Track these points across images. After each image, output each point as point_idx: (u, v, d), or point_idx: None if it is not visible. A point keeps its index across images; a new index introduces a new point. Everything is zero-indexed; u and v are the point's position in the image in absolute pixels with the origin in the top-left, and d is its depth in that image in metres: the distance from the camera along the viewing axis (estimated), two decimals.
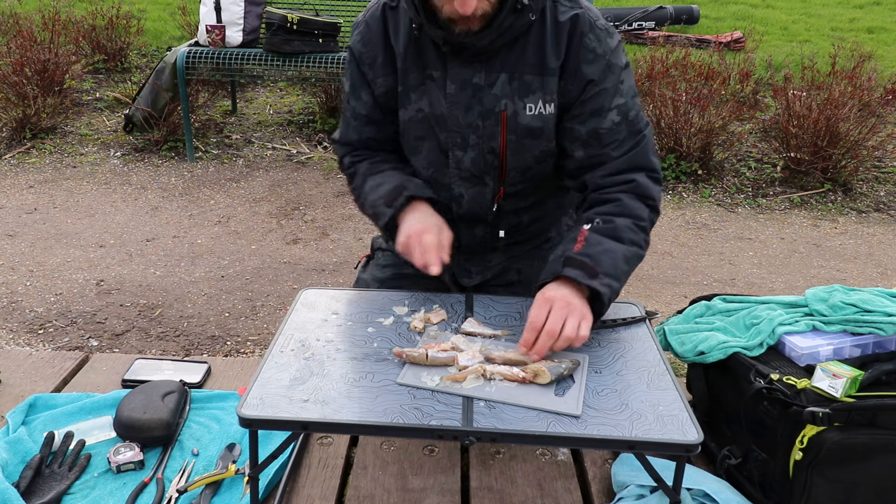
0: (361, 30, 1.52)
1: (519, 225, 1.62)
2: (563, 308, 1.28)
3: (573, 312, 1.28)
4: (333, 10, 4.66)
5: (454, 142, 1.49)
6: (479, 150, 1.48)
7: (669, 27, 7.23)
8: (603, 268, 1.32)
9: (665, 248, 3.73)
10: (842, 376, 1.30)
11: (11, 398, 1.72)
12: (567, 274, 1.31)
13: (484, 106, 1.44)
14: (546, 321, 1.27)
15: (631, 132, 1.44)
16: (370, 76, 1.52)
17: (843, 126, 4.34)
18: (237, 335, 2.80)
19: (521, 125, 1.45)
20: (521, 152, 1.48)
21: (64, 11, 5.78)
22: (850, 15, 8.53)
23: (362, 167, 1.58)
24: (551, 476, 1.53)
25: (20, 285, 3.11)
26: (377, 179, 1.53)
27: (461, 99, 1.45)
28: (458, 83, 1.44)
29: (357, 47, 1.52)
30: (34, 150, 4.62)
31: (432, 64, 1.45)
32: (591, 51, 1.41)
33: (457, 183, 1.53)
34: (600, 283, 1.31)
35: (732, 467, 1.47)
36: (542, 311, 1.28)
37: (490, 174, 1.51)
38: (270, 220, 3.87)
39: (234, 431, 1.58)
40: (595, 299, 1.33)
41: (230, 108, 5.28)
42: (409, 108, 1.50)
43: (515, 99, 1.43)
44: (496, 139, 1.47)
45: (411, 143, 1.55)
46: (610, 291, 1.33)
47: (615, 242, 1.36)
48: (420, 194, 1.47)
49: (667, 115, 4.46)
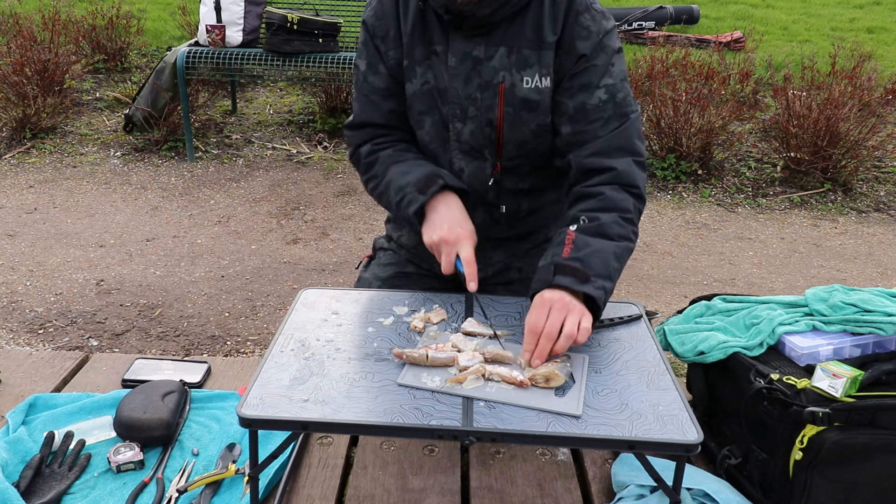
0: (374, 5, 1.55)
1: (518, 212, 1.63)
2: (561, 309, 1.28)
3: (573, 311, 1.28)
4: (333, 10, 4.66)
5: (454, 113, 1.51)
6: (478, 123, 1.51)
7: (669, 27, 7.23)
8: (594, 270, 1.32)
9: (665, 248, 3.73)
10: (842, 376, 1.30)
11: (11, 398, 1.72)
12: (559, 283, 1.31)
13: (482, 78, 1.48)
14: (545, 324, 1.27)
15: (617, 113, 1.46)
16: (383, 49, 1.54)
17: (843, 126, 4.34)
18: (237, 335, 2.80)
19: (518, 97, 1.47)
20: (518, 125, 1.50)
21: (64, 11, 5.78)
22: (850, 15, 8.53)
23: (384, 154, 1.56)
24: (551, 476, 1.53)
25: (20, 285, 3.11)
26: (403, 167, 1.52)
27: (461, 71, 1.48)
28: (459, 56, 1.47)
29: (371, 21, 1.55)
30: (34, 150, 4.62)
31: (437, 38, 1.49)
32: (586, 28, 1.45)
33: (457, 156, 1.56)
34: (593, 286, 1.31)
35: (732, 467, 1.47)
36: (542, 314, 1.28)
37: (488, 148, 1.54)
38: (270, 220, 3.87)
39: (234, 431, 1.58)
40: (590, 302, 1.33)
41: (230, 108, 5.28)
42: (415, 82, 1.52)
43: (513, 71, 1.46)
44: (494, 111, 1.49)
45: (416, 117, 1.57)
46: (604, 293, 1.33)
47: (603, 240, 1.37)
48: (454, 184, 1.48)
49: (667, 115, 4.47)
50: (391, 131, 1.60)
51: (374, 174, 1.57)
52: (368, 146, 1.59)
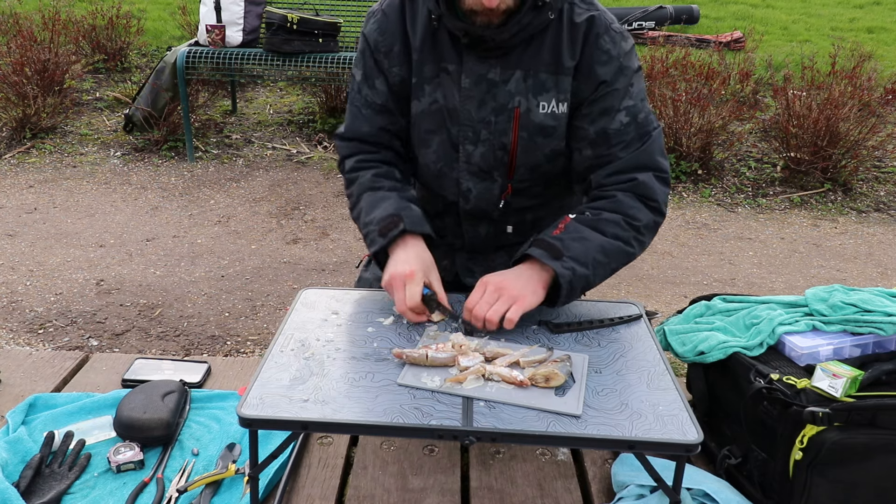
0: (378, 18, 1.51)
1: (522, 223, 1.62)
2: (493, 293, 1.33)
3: (503, 296, 1.33)
4: (333, 10, 4.66)
5: (465, 136, 1.49)
6: (490, 146, 1.49)
7: (669, 27, 7.23)
8: (570, 252, 1.34)
9: (665, 248, 3.73)
10: (842, 376, 1.30)
11: (11, 398, 1.72)
12: (531, 252, 1.34)
13: (497, 101, 1.45)
14: (478, 303, 1.34)
15: (639, 133, 1.44)
16: (385, 65, 1.50)
17: (843, 126, 4.34)
18: (237, 335, 2.80)
19: (534, 123, 1.45)
20: (532, 150, 1.48)
21: (64, 11, 5.78)
22: (850, 15, 8.53)
23: (363, 177, 1.53)
24: (551, 476, 1.53)
25: (20, 285, 3.11)
26: (374, 198, 1.49)
27: (475, 93, 1.45)
28: (474, 78, 1.44)
29: (373, 36, 1.51)
30: (34, 150, 4.62)
31: (448, 57, 1.46)
32: (605, 52, 1.42)
33: (465, 177, 1.54)
34: (562, 265, 1.32)
35: (732, 467, 1.47)
36: (477, 294, 1.35)
37: (499, 170, 1.52)
38: (270, 220, 3.87)
39: (234, 431, 1.58)
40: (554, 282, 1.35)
41: (230, 107, 5.28)
42: (423, 101, 1.50)
43: (529, 96, 1.44)
44: (507, 135, 1.47)
45: (422, 135, 1.54)
46: (571, 274, 1.33)
47: (595, 233, 1.37)
48: (415, 229, 1.43)
49: (667, 115, 4.46)
50: (377, 149, 1.57)
51: (351, 193, 1.56)
52: (352, 161, 1.56)
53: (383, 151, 1.57)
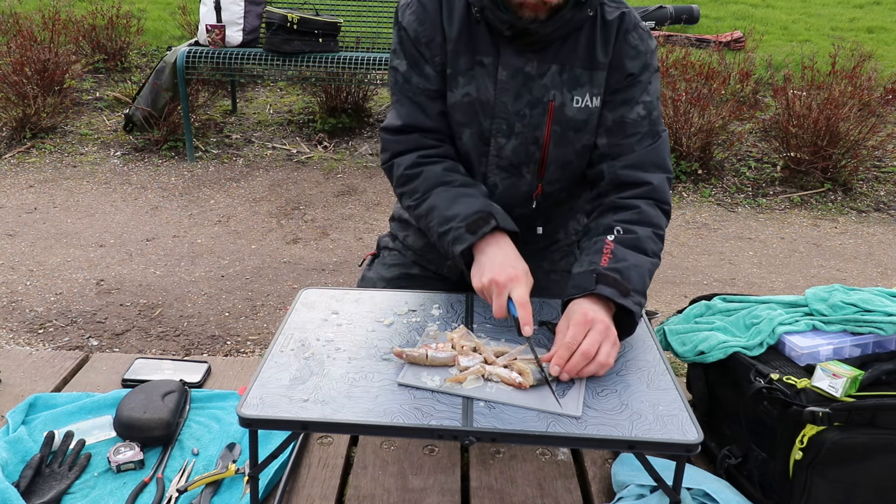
0: (416, 9, 1.48)
1: (550, 222, 1.65)
2: (601, 332, 1.25)
3: (608, 338, 1.25)
4: (333, 10, 4.66)
5: (499, 128, 1.49)
6: (523, 140, 1.49)
7: (669, 27, 7.23)
8: (632, 284, 1.32)
9: (665, 248, 3.71)
10: (842, 376, 1.30)
11: (11, 398, 1.72)
12: (601, 292, 1.29)
13: (533, 95, 1.46)
14: (582, 343, 1.23)
15: (651, 130, 1.48)
16: (428, 55, 1.48)
17: (843, 126, 4.34)
18: (237, 335, 2.80)
19: (567, 117, 1.47)
20: (564, 144, 1.50)
21: (64, 11, 5.78)
22: (850, 15, 8.53)
23: (430, 171, 1.47)
24: (551, 476, 1.53)
25: (20, 285, 3.11)
26: (450, 193, 1.43)
27: (511, 86, 1.46)
28: (510, 70, 1.45)
29: (413, 26, 1.48)
30: (34, 150, 4.62)
31: (483, 50, 1.46)
32: (634, 48, 1.46)
33: (493, 171, 1.53)
34: (632, 301, 1.30)
35: (732, 467, 1.47)
36: (580, 332, 1.24)
37: (528, 166, 1.52)
38: (270, 220, 3.87)
39: (234, 431, 1.58)
40: (624, 316, 1.32)
41: (230, 107, 5.28)
42: (456, 92, 1.49)
43: (564, 91, 1.46)
44: (541, 129, 1.48)
45: (453, 128, 1.53)
46: (640, 309, 1.33)
47: (640, 255, 1.37)
48: (506, 227, 1.39)
49: (667, 115, 4.46)
50: (440, 140, 1.51)
51: (414, 189, 1.48)
52: (412, 157, 1.49)
53: (445, 143, 1.52)
